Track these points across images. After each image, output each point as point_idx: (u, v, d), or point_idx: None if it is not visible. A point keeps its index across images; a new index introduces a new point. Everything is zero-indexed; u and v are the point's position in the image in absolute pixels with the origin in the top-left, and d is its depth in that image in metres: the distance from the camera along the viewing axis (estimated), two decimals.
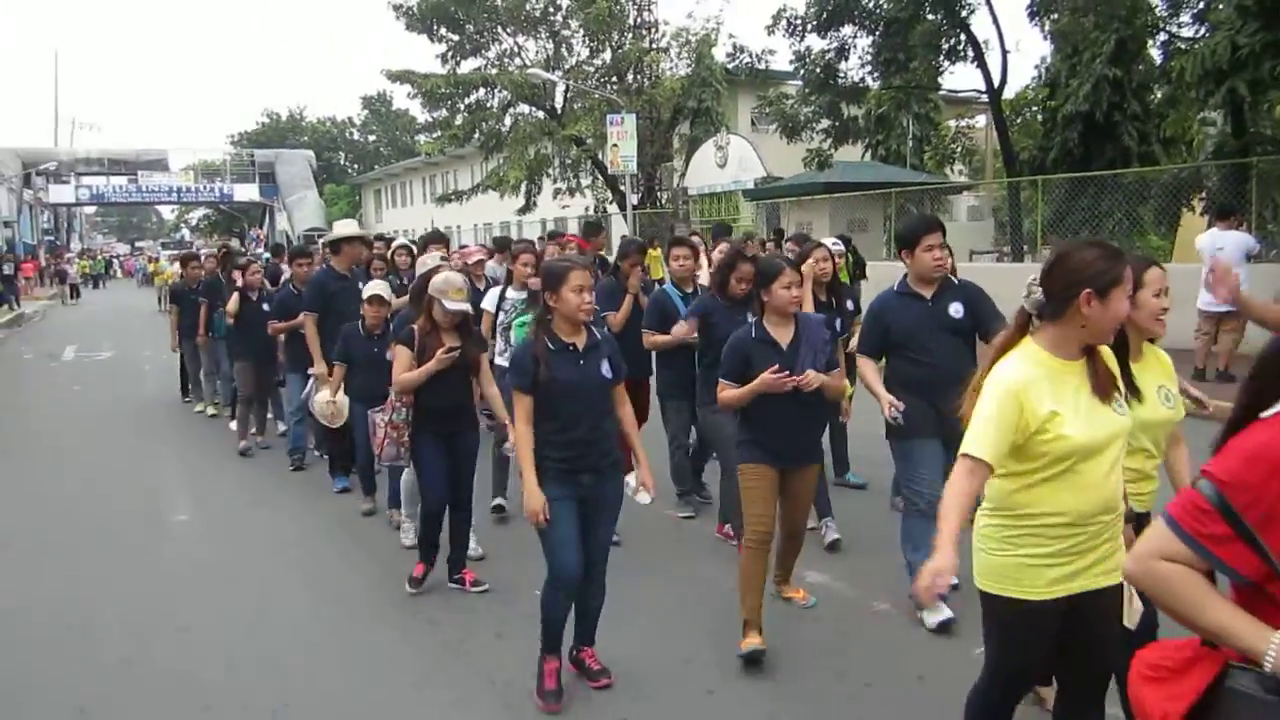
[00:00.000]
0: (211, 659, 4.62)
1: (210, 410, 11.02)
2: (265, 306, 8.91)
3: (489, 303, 6.64)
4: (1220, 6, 11.14)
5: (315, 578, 5.81)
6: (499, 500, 6.68)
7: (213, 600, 5.43)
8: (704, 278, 6.93)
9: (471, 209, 32.08)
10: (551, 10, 26.84)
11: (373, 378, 6.12)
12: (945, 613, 4.56)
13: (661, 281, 7.31)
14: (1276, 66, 10.44)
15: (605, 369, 4.04)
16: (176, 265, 20.55)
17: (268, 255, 18.83)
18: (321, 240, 8.95)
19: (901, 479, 4.98)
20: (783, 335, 4.37)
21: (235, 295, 9.24)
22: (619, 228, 25.13)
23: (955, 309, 4.69)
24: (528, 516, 3.85)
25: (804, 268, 5.36)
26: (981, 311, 4.71)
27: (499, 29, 26.97)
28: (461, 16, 26.32)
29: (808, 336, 4.38)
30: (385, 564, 5.92)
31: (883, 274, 12.75)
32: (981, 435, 2.58)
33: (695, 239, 8.13)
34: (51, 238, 58.31)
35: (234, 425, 9.52)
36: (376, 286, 6.76)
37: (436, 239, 9.05)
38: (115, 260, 63.49)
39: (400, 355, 5.16)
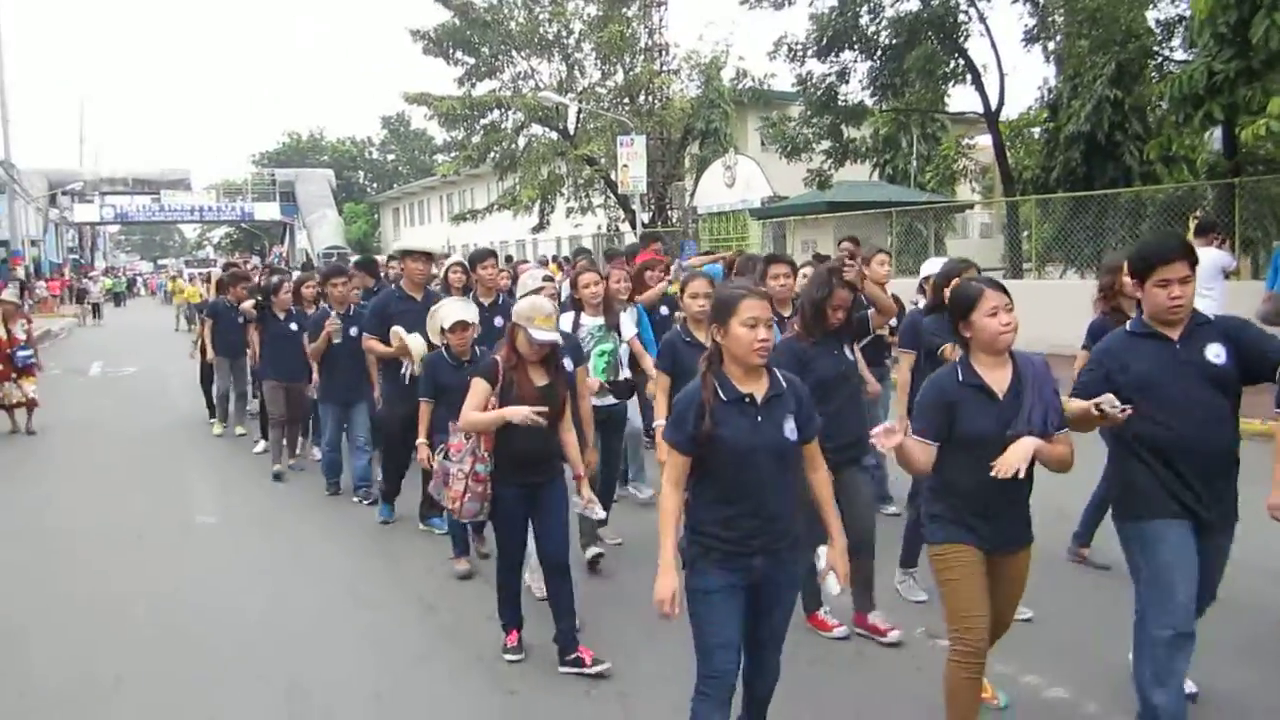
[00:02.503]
0: (230, 638, 5.17)
1: (239, 430, 11.03)
2: (294, 326, 8.76)
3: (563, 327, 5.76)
4: (1201, 34, 11.61)
5: (326, 571, 6.34)
6: (594, 550, 6.00)
7: (234, 589, 5.98)
8: None
9: (486, 227, 32.72)
10: (564, 34, 27.49)
11: None
12: None
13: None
14: (1249, 92, 10.94)
15: (789, 428, 3.26)
16: (200, 284, 21.20)
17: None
18: (389, 254, 8.69)
19: (1141, 578, 3.65)
20: (997, 379, 3.46)
21: (250, 302, 9.38)
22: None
23: (1215, 353, 3.55)
24: (654, 603, 3.16)
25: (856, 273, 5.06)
26: (1253, 348, 3.56)
27: (513, 52, 27.61)
28: (477, 40, 26.99)
29: (1033, 382, 3.46)
30: (393, 560, 6.50)
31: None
32: None
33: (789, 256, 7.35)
34: (76, 256, 59.48)
35: (259, 447, 9.72)
36: (457, 310, 5.95)
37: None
38: (139, 278, 64.66)
39: (476, 389, 4.51)
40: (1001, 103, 20.08)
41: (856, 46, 19.48)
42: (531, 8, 27.00)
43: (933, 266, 6.26)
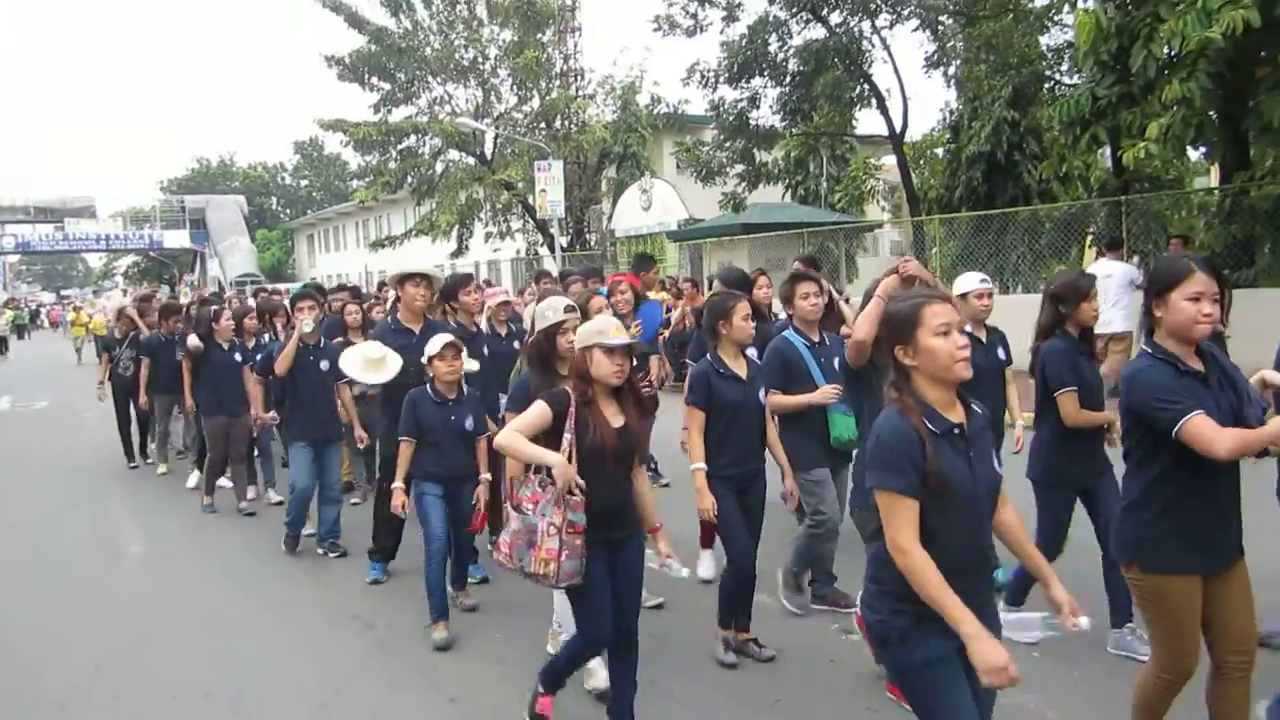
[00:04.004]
0: (174, 660, 5.29)
1: (161, 469, 10.67)
2: (237, 357, 8.45)
3: None
4: (1086, 61, 12.37)
5: (260, 593, 6.45)
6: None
7: (168, 613, 6.07)
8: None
9: (405, 253, 32.66)
10: (480, 60, 27.68)
11: (455, 454, 5.03)
12: None
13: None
14: (1130, 116, 11.68)
15: (997, 460, 2.82)
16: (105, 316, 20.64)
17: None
18: (388, 279, 7.72)
19: None
20: (1197, 365, 3.10)
21: (193, 337, 8.72)
22: (551, 270, 25.91)
23: None
24: (988, 677, 2.50)
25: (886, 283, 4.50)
26: None
27: (429, 78, 27.69)
28: (392, 66, 27.00)
29: (1232, 369, 3.14)
30: (324, 581, 6.64)
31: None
32: None
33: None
34: None
35: (193, 480, 9.43)
36: (443, 335, 5.35)
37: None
38: (41, 309, 62.80)
39: (535, 409, 3.81)
40: (905, 125, 20.96)
41: (766, 73, 20.20)
42: (447, 33, 27.15)
43: (968, 282, 5.38)
